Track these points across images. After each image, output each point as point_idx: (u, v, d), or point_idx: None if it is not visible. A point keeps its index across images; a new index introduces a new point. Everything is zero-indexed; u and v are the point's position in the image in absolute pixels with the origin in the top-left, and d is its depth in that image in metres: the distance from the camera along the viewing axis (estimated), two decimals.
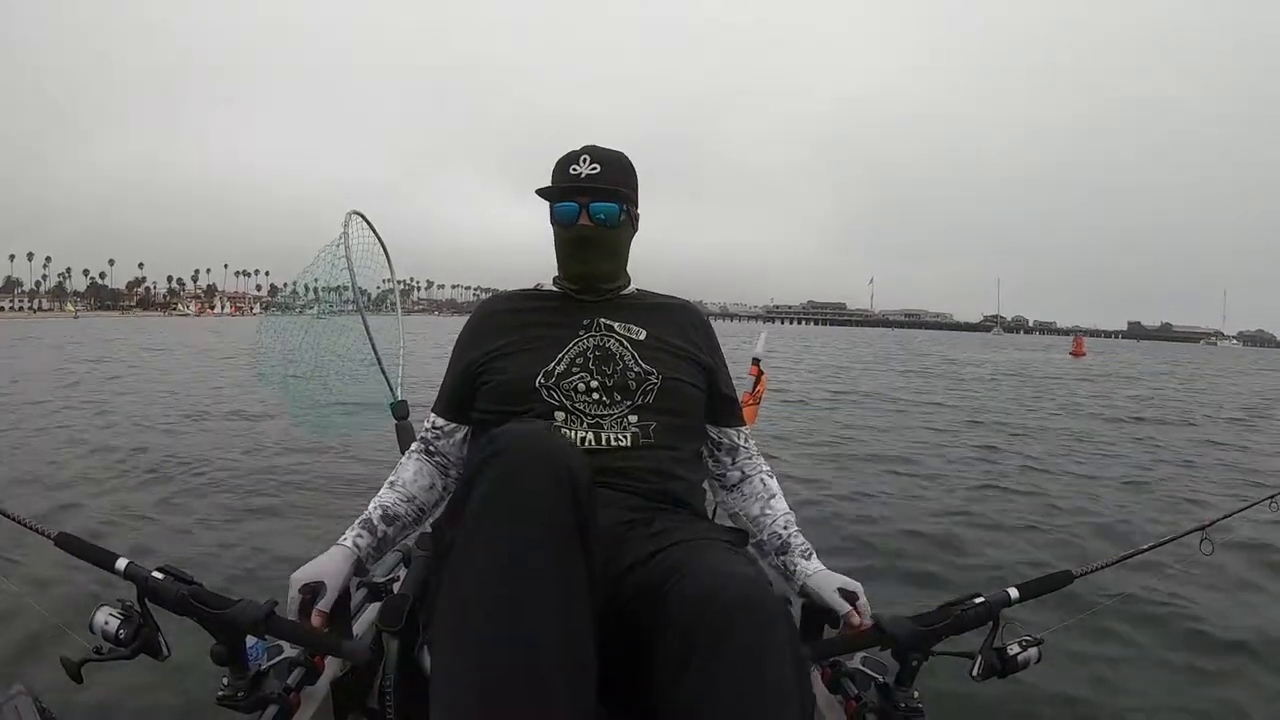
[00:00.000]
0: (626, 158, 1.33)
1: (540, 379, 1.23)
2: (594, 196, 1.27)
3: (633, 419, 1.23)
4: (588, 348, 1.28)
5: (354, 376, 2.19)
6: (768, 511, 1.34)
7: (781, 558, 1.27)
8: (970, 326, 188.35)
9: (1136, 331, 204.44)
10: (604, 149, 1.31)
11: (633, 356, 1.28)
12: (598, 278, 1.34)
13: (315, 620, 1.08)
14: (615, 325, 1.32)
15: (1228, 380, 19.97)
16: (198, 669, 1.66)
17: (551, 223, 1.33)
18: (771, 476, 1.39)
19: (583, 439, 1.19)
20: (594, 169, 1.27)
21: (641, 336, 1.31)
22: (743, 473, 1.40)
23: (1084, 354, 33.81)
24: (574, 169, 1.28)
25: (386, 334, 2.13)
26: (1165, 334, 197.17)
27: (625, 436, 1.20)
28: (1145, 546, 1.46)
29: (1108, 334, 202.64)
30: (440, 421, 1.34)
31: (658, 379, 1.26)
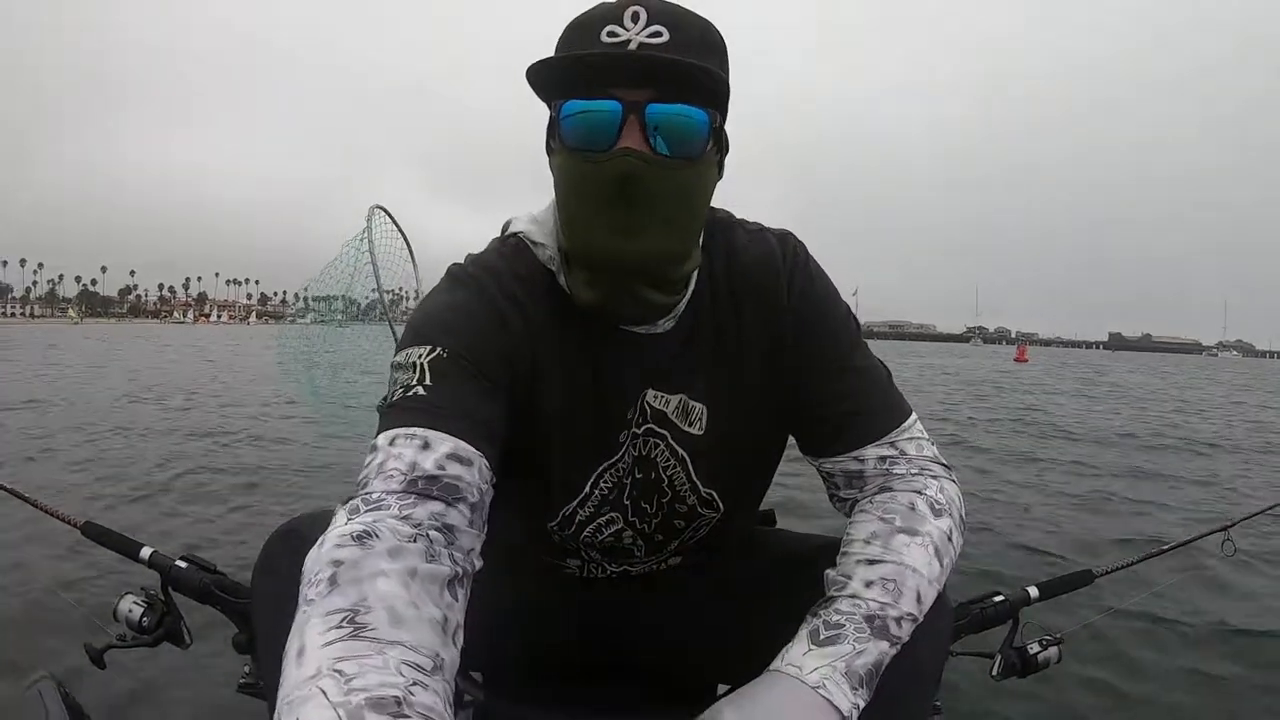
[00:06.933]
0: (708, 22, 0.73)
1: (556, 525, 0.84)
2: (660, 84, 0.68)
3: (674, 561, 0.92)
4: (625, 470, 0.83)
5: (368, 379, 2.19)
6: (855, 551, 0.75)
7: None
8: (953, 337, 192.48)
9: (1117, 342, 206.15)
10: (669, 2, 0.71)
11: (685, 475, 0.83)
12: (646, 286, 0.73)
13: None
14: (667, 412, 0.81)
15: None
16: (220, 657, 1.68)
17: (556, 154, 0.74)
18: (922, 494, 0.77)
19: (590, 577, 0.93)
20: (656, 32, 0.68)
21: (700, 429, 0.82)
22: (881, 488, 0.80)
23: (1026, 360, 34.53)
24: (613, 31, 0.69)
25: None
26: (1145, 345, 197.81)
27: (659, 569, 0.93)
28: (1166, 546, 1.45)
29: (1089, 344, 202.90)
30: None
31: (718, 511, 0.86)
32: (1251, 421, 10.02)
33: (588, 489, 0.82)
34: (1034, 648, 1.17)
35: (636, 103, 0.68)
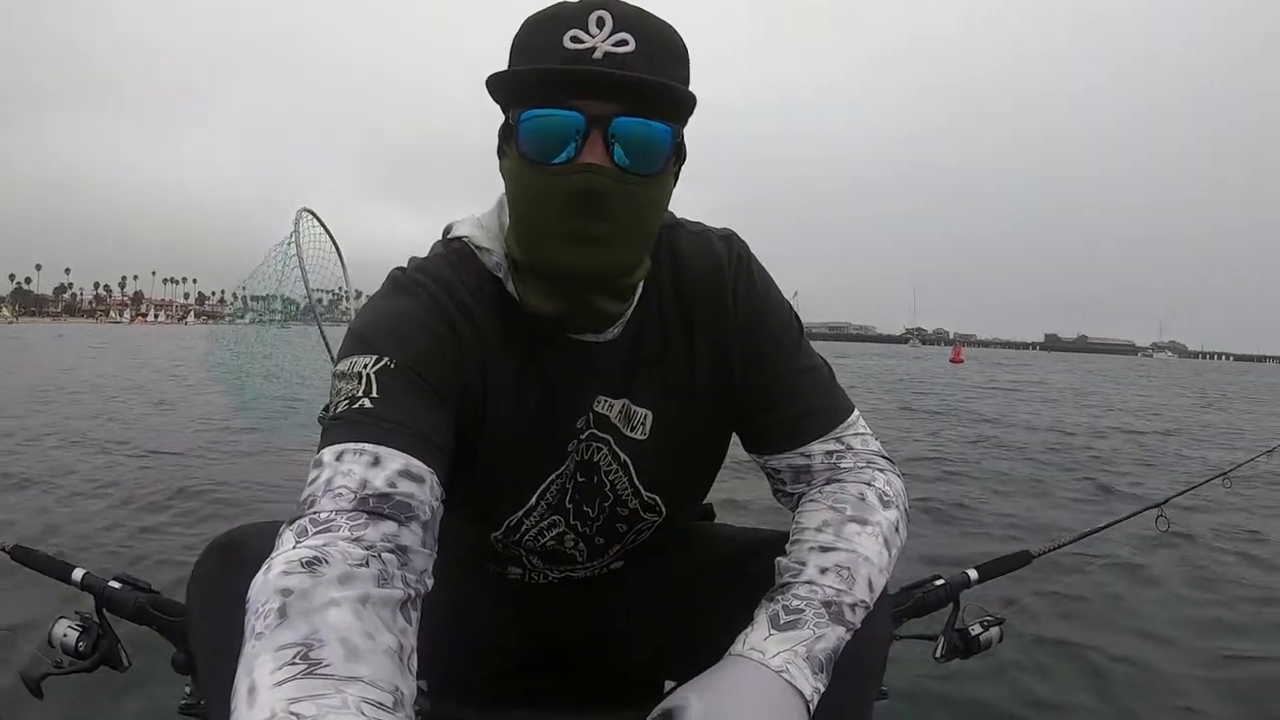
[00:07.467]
0: (671, 27, 0.70)
1: (500, 535, 0.83)
2: (627, 99, 0.66)
3: (617, 565, 0.92)
4: (569, 476, 0.81)
5: (301, 383, 2.15)
6: (805, 538, 0.75)
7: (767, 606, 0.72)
8: (893, 339, 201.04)
9: (1052, 343, 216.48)
10: (632, 5, 0.68)
11: (627, 480, 0.82)
12: (602, 297, 0.73)
13: None
14: (610, 417, 0.80)
15: None
16: (160, 678, 1.63)
17: (509, 160, 0.72)
18: (870, 485, 0.78)
19: (532, 583, 0.93)
20: (622, 40, 0.65)
21: (644, 435, 0.81)
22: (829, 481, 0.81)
23: (962, 361, 35.47)
24: (577, 36, 0.65)
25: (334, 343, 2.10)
26: (1080, 345, 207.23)
27: (600, 574, 0.92)
28: (1102, 525, 1.51)
29: (1025, 345, 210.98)
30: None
31: (660, 514, 0.85)
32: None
33: (534, 500, 0.81)
34: (975, 629, 1.19)
35: (601, 117, 0.65)
